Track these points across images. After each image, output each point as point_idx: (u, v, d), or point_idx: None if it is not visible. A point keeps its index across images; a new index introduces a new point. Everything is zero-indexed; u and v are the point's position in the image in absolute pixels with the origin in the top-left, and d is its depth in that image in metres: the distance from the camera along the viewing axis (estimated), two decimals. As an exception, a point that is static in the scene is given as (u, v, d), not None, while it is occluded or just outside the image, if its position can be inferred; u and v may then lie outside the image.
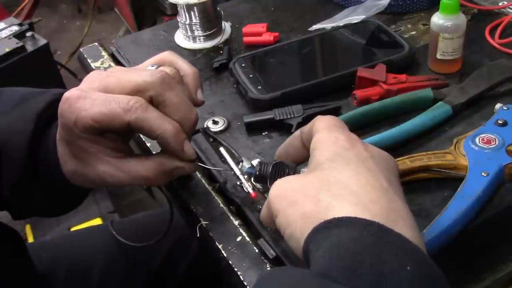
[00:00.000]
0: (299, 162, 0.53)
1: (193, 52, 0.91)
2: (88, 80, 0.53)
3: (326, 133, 0.46)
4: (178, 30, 0.95)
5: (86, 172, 0.54)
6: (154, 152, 0.73)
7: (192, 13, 0.90)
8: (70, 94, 0.51)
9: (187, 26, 0.91)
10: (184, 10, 0.90)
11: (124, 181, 0.54)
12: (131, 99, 0.50)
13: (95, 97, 0.50)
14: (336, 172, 0.42)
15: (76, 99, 0.50)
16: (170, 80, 0.52)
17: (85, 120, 0.50)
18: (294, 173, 0.51)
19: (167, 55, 0.60)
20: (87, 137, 0.52)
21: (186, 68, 0.60)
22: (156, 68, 0.56)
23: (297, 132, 0.51)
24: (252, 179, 0.55)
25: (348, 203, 0.40)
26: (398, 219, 0.39)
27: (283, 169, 0.52)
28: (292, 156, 0.52)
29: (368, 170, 0.42)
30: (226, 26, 0.95)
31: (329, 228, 0.38)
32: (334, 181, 0.42)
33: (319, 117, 0.49)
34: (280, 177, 0.49)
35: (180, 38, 0.94)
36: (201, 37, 0.92)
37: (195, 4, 0.88)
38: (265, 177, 0.52)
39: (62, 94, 0.53)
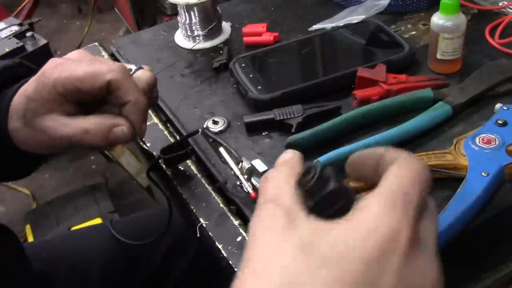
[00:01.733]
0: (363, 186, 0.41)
1: (193, 52, 0.91)
2: (72, 55, 0.57)
3: (398, 202, 0.33)
4: (178, 30, 0.95)
5: (29, 132, 0.55)
6: (154, 153, 0.73)
7: (192, 13, 0.90)
8: (57, 59, 0.55)
9: (187, 26, 0.91)
10: (184, 10, 0.90)
11: (64, 134, 0.54)
12: (114, 63, 0.54)
13: (81, 61, 0.55)
14: None
15: (63, 62, 0.54)
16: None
17: (69, 78, 0.53)
18: (348, 204, 0.35)
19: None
20: (57, 98, 0.53)
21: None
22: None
23: (380, 151, 0.39)
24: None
25: None
26: None
27: (340, 198, 0.36)
28: (360, 175, 0.42)
29: None
30: (226, 26, 0.95)
31: None
32: None
33: (406, 157, 0.36)
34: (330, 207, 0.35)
35: (180, 38, 0.94)
36: (201, 37, 0.92)
37: (195, 4, 0.88)
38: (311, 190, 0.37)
39: (19, 62, 0.60)
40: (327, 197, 0.35)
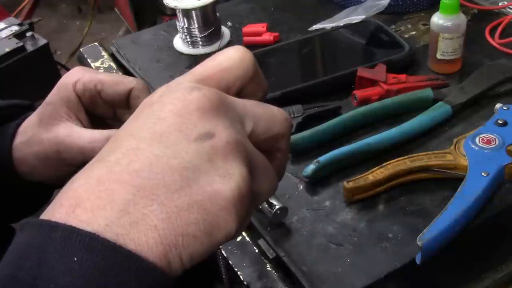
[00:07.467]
0: None
1: (192, 57, 0.91)
2: None
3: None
4: (177, 35, 0.94)
5: (44, 136, 0.53)
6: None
7: (191, 18, 0.89)
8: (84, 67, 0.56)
9: (185, 31, 0.91)
10: (183, 15, 0.89)
11: (80, 144, 0.52)
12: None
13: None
14: None
15: (90, 69, 0.55)
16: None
17: (92, 79, 0.53)
18: None
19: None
20: (73, 100, 0.53)
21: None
22: None
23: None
24: None
25: None
26: (78, 204, 0.31)
27: None
28: None
29: None
30: (225, 30, 0.95)
31: None
32: None
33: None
34: None
35: (179, 43, 0.93)
36: (200, 43, 0.91)
37: (194, 9, 0.87)
38: None
39: (19, 104, 0.57)
40: None
